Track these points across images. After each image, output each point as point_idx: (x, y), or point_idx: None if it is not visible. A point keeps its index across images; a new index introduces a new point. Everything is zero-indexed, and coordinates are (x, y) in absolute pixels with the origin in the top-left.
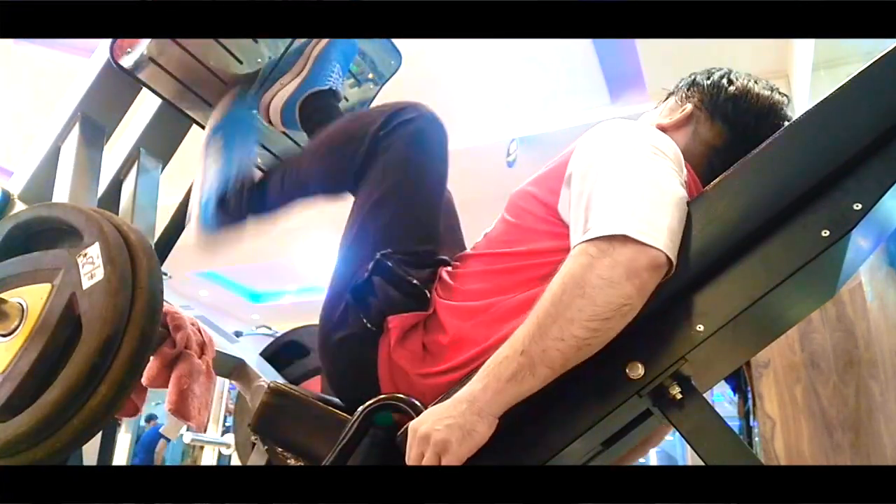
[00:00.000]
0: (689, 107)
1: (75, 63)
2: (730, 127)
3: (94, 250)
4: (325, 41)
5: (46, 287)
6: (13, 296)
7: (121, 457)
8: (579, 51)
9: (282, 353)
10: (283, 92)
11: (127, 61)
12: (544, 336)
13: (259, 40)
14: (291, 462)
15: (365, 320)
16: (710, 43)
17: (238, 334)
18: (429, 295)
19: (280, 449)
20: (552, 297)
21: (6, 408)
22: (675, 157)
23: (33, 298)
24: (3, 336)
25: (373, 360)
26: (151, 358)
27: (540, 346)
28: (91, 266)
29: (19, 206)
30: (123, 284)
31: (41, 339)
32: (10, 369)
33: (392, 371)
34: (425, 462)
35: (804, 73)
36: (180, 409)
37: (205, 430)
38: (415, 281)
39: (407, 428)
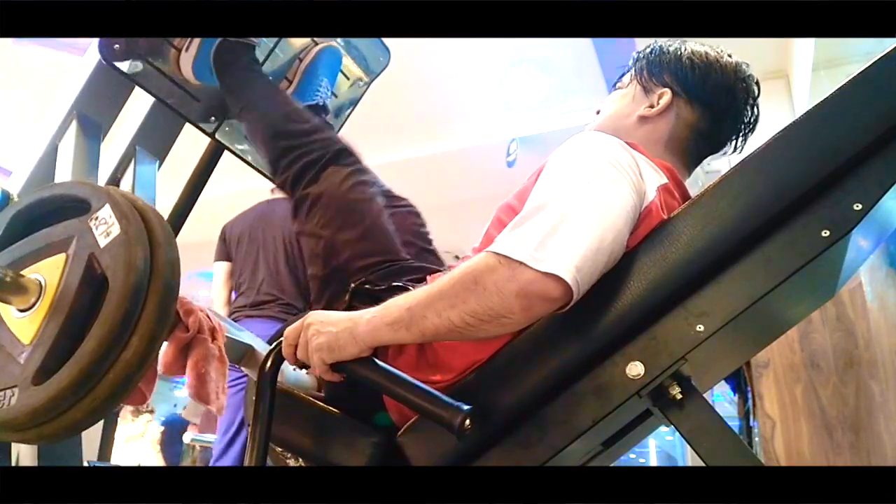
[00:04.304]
0: (666, 93)
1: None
2: (706, 108)
3: (106, 211)
4: (311, 56)
5: (61, 257)
6: (29, 273)
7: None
8: (579, 51)
9: None
10: None
11: (116, 59)
12: (429, 306)
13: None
14: (291, 462)
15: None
16: (709, 43)
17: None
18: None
19: (280, 449)
20: (451, 280)
21: (42, 371)
22: (635, 177)
23: (49, 271)
24: (23, 311)
25: None
26: (166, 343)
27: (422, 311)
28: (105, 226)
29: None
30: (141, 235)
31: (66, 303)
32: (38, 337)
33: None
34: (299, 346)
35: (804, 73)
36: (200, 394)
37: (208, 431)
38: (395, 283)
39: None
